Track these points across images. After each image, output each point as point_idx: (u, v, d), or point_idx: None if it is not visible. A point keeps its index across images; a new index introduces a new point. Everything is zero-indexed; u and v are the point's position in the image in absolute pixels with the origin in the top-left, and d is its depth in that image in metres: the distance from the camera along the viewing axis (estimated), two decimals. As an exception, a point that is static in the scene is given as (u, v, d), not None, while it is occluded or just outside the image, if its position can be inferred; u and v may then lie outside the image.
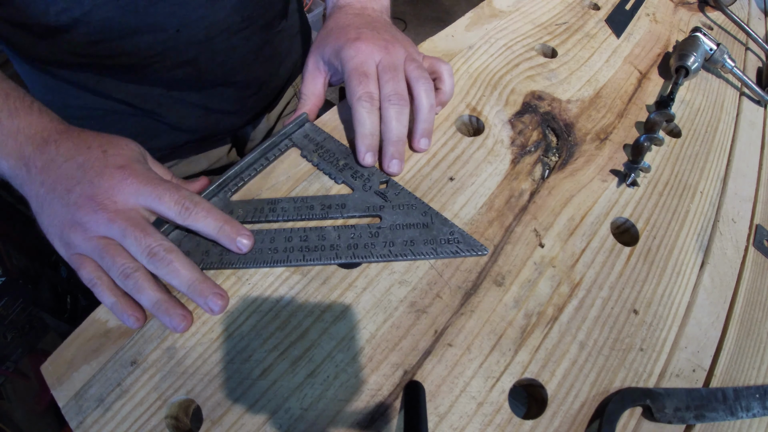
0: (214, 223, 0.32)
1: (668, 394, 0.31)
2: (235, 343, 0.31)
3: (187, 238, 0.34)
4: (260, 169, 0.38)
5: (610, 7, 0.61)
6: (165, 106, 0.52)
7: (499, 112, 0.45)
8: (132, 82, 0.48)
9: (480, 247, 0.35)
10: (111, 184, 0.30)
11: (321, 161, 0.39)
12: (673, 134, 0.48)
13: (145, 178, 0.31)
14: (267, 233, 0.35)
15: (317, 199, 0.37)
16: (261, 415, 0.29)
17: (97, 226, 0.30)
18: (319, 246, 0.34)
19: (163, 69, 0.47)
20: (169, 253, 0.30)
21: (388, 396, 0.30)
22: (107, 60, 0.44)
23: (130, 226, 0.30)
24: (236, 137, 0.66)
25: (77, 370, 0.30)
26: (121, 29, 0.41)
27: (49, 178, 0.31)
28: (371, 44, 0.38)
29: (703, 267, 0.38)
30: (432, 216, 0.36)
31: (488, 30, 0.53)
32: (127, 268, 0.29)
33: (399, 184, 0.38)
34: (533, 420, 0.30)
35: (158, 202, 0.31)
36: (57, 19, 0.38)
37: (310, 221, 0.36)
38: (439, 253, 0.35)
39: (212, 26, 0.46)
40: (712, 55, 0.53)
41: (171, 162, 0.60)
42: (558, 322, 0.33)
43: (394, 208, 0.36)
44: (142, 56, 0.44)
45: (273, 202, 0.36)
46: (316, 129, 0.41)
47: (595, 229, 0.39)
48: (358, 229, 0.35)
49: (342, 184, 0.38)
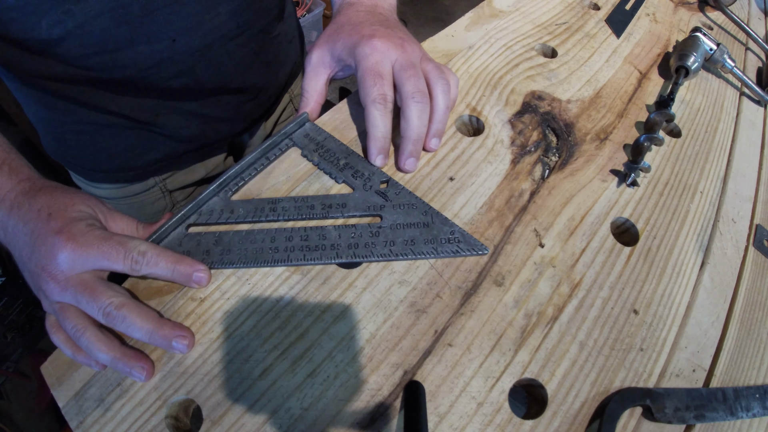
0: (166, 266, 0.31)
1: (668, 394, 0.31)
2: (235, 343, 0.31)
3: (188, 237, 0.35)
4: (261, 169, 0.38)
5: (610, 7, 0.61)
6: (162, 117, 0.51)
7: (499, 112, 0.45)
8: (128, 94, 0.47)
9: (480, 247, 0.35)
10: (53, 253, 0.30)
11: (321, 161, 0.39)
12: (673, 134, 0.48)
13: (85, 242, 0.30)
14: (268, 233, 0.35)
15: (318, 199, 0.37)
16: (261, 415, 0.29)
17: (52, 294, 0.30)
18: (319, 245, 0.34)
19: (160, 79, 0.46)
20: (120, 309, 0.29)
21: (388, 396, 0.30)
22: (102, 73, 0.43)
23: (80, 292, 0.29)
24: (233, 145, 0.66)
25: (77, 370, 0.30)
26: (116, 41, 0.41)
27: (16, 243, 0.32)
28: (387, 42, 0.37)
29: (703, 267, 0.38)
30: (432, 215, 0.36)
31: (488, 30, 0.53)
32: (76, 331, 0.29)
33: (399, 183, 0.38)
34: (533, 420, 0.30)
35: (106, 262, 0.30)
36: (49, 33, 0.37)
37: (311, 221, 0.36)
38: (439, 253, 0.35)
39: (208, 34, 0.45)
40: (712, 55, 0.53)
41: (168, 173, 0.59)
42: (558, 322, 0.33)
43: (395, 208, 0.36)
44: (137, 68, 0.44)
45: (274, 202, 0.36)
46: (316, 128, 0.41)
47: (595, 229, 0.39)
48: (358, 229, 0.35)
49: (342, 183, 0.38)
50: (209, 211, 0.36)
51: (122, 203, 0.60)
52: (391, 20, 0.42)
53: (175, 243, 0.34)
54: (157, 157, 0.56)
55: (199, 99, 0.52)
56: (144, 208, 0.61)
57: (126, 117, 0.50)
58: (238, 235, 0.35)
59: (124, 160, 0.55)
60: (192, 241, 0.34)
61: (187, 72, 0.47)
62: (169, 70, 0.46)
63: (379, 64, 0.37)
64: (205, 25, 0.45)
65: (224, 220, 0.36)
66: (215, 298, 0.33)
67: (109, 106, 0.48)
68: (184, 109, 0.52)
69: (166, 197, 0.61)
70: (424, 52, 0.40)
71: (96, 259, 0.30)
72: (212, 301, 0.32)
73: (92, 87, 0.46)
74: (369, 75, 0.36)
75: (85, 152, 0.54)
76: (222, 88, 0.52)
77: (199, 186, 0.64)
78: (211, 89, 0.52)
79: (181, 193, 0.63)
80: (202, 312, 0.32)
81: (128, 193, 0.59)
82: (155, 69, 0.45)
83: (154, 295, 0.33)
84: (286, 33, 0.61)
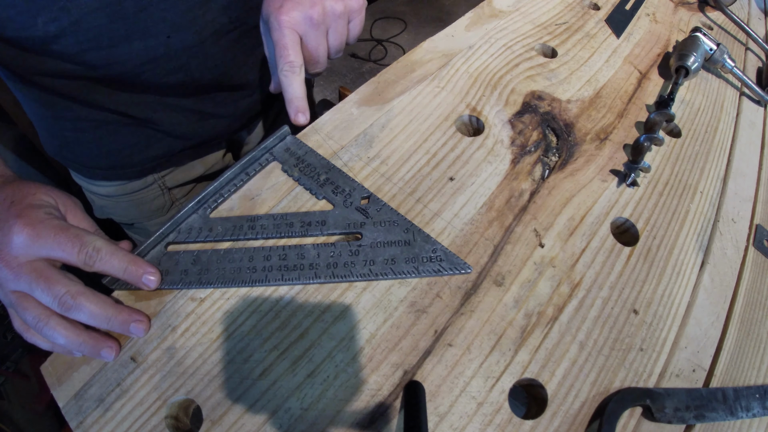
0: (118, 264, 0.31)
1: (668, 394, 0.31)
2: (235, 343, 0.31)
3: (166, 256, 0.34)
4: (240, 185, 0.38)
5: (610, 7, 0.61)
6: (159, 114, 0.52)
7: (499, 112, 0.45)
8: (124, 90, 0.48)
9: (463, 266, 0.34)
10: (9, 237, 0.30)
11: (302, 176, 0.38)
12: (673, 134, 0.48)
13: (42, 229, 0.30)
14: (246, 251, 0.34)
15: (297, 216, 0.36)
16: (261, 415, 0.29)
17: (7, 282, 0.30)
18: (298, 265, 0.34)
19: (156, 76, 0.47)
20: (77, 298, 0.29)
21: (388, 396, 0.30)
22: (98, 69, 0.43)
23: (35, 279, 0.29)
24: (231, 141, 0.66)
25: (77, 370, 0.30)
26: (111, 37, 0.41)
27: None
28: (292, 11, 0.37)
29: (703, 267, 0.38)
30: (414, 233, 0.35)
31: (488, 30, 0.53)
32: (39, 322, 0.29)
33: (381, 200, 0.37)
34: (533, 420, 0.30)
35: (60, 252, 0.30)
36: (45, 30, 0.38)
37: (291, 239, 0.35)
38: (420, 272, 0.34)
39: (201, 29, 0.46)
40: (712, 55, 0.53)
41: (167, 170, 0.59)
42: (558, 322, 0.33)
43: (375, 225, 0.36)
44: (133, 64, 0.44)
45: (252, 219, 0.36)
46: (297, 142, 0.40)
47: (595, 229, 0.39)
48: (338, 247, 0.34)
49: (323, 200, 0.37)
50: (188, 228, 0.35)
51: (122, 201, 0.60)
52: None
53: (154, 262, 0.34)
54: (155, 154, 0.56)
55: (195, 95, 0.52)
56: (143, 205, 0.61)
57: (123, 114, 0.50)
58: (216, 254, 0.34)
59: (123, 158, 0.55)
60: (171, 261, 0.34)
61: (182, 68, 0.48)
62: (165, 66, 0.46)
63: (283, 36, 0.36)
64: (198, 21, 0.45)
65: (203, 239, 0.35)
66: (215, 298, 0.33)
67: (107, 103, 0.48)
68: (181, 105, 0.52)
69: (166, 194, 0.61)
70: None
71: (51, 247, 0.30)
72: (212, 301, 0.32)
73: (89, 84, 0.46)
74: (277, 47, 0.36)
75: (83, 150, 0.54)
76: (217, 84, 0.53)
77: (198, 183, 0.64)
78: (207, 85, 0.52)
79: (180, 190, 0.63)
80: (202, 312, 0.32)
81: (128, 191, 0.59)
82: (151, 65, 0.45)
83: (154, 295, 0.33)
84: None
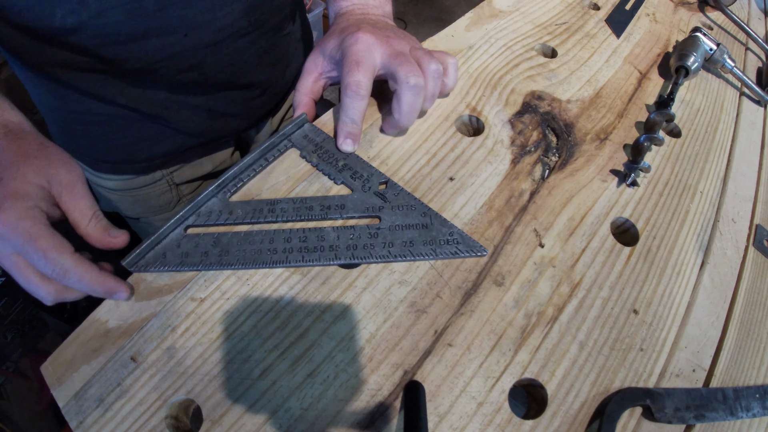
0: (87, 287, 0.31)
1: (668, 394, 0.31)
2: (235, 343, 0.31)
3: (186, 238, 0.34)
4: (259, 170, 0.38)
5: (610, 7, 0.61)
6: (170, 110, 0.52)
7: (499, 112, 0.45)
8: (137, 86, 0.48)
9: (479, 248, 0.35)
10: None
11: (320, 162, 0.39)
12: (673, 134, 0.48)
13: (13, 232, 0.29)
14: (266, 234, 0.35)
15: (316, 200, 0.37)
16: (261, 415, 0.29)
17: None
18: (318, 247, 0.34)
19: (170, 73, 0.47)
20: None
21: (388, 396, 0.30)
22: (114, 64, 0.44)
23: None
24: (240, 140, 0.66)
25: (77, 370, 0.30)
26: (129, 33, 0.41)
27: None
28: (372, 36, 0.39)
29: (703, 267, 0.38)
30: (431, 217, 0.36)
31: (488, 30, 0.53)
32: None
33: (398, 185, 0.38)
34: (533, 420, 0.30)
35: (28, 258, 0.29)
36: (63, 22, 0.38)
37: (310, 222, 0.36)
38: (438, 254, 0.35)
39: (220, 30, 0.46)
40: (712, 55, 0.53)
41: (175, 166, 0.59)
42: (558, 322, 0.33)
43: (394, 209, 0.36)
44: (149, 60, 0.44)
45: (272, 203, 0.36)
46: (315, 129, 0.41)
47: (595, 229, 0.39)
48: (357, 230, 0.35)
49: (341, 184, 0.38)
50: (208, 212, 0.36)
51: (129, 195, 0.60)
52: (380, 23, 0.43)
53: (174, 244, 0.34)
54: (164, 150, 0.56)
55: (208, 94, 0.52)
56: (150, 200, 0.61)
57: (134, 109, 0.50)
58: (236, 237, 0.35)
59: (131, 152, 0.55)
60: (190, 243, 0.34)
61: (197, 67, 0.48)
62: (180, 64, 0.46)
63: (359, 53, 0.38)
64: (218, 22, 0.45)
65: (223, 221, 0.35)
66: (215, 298, 0.33)
67: (119, 97, 0.48)
68: (192, 103, 0.52)
69: (173, 190, 0.62)
70: (416, 43, 0.41)
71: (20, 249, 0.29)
72: (212, 301, 0.32)
73: (103, 78, 0.46)
74: (347, 63, 0.38)
75: (92, 143, 0.54)
76: (231, 83, 0.53)
77: (206, 180, 0.65)
78: (220, 85, 0.52)
79: (187, 186, 0.63)
80: (202, 312, 0.32)
81: (135, 185, 0.59)
82: (166, 62, 0.45)
83: (154, 294, 0.33)
84: (296, 32, 0.61)
